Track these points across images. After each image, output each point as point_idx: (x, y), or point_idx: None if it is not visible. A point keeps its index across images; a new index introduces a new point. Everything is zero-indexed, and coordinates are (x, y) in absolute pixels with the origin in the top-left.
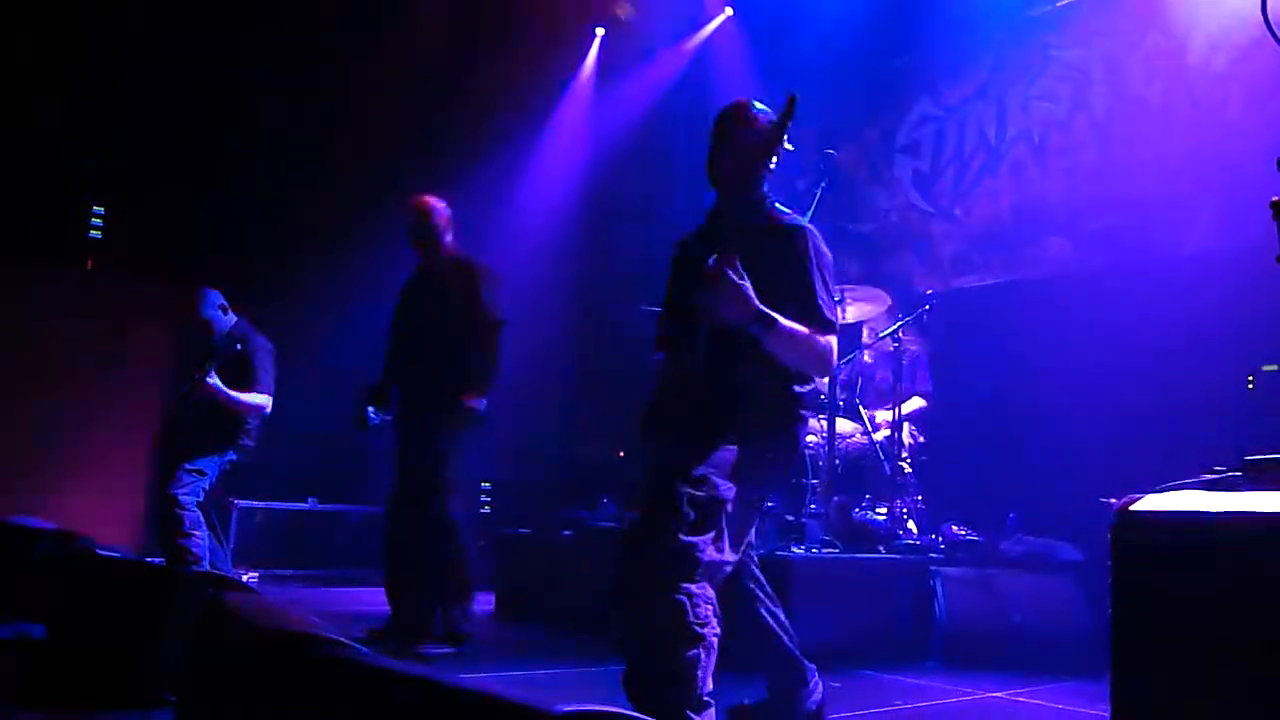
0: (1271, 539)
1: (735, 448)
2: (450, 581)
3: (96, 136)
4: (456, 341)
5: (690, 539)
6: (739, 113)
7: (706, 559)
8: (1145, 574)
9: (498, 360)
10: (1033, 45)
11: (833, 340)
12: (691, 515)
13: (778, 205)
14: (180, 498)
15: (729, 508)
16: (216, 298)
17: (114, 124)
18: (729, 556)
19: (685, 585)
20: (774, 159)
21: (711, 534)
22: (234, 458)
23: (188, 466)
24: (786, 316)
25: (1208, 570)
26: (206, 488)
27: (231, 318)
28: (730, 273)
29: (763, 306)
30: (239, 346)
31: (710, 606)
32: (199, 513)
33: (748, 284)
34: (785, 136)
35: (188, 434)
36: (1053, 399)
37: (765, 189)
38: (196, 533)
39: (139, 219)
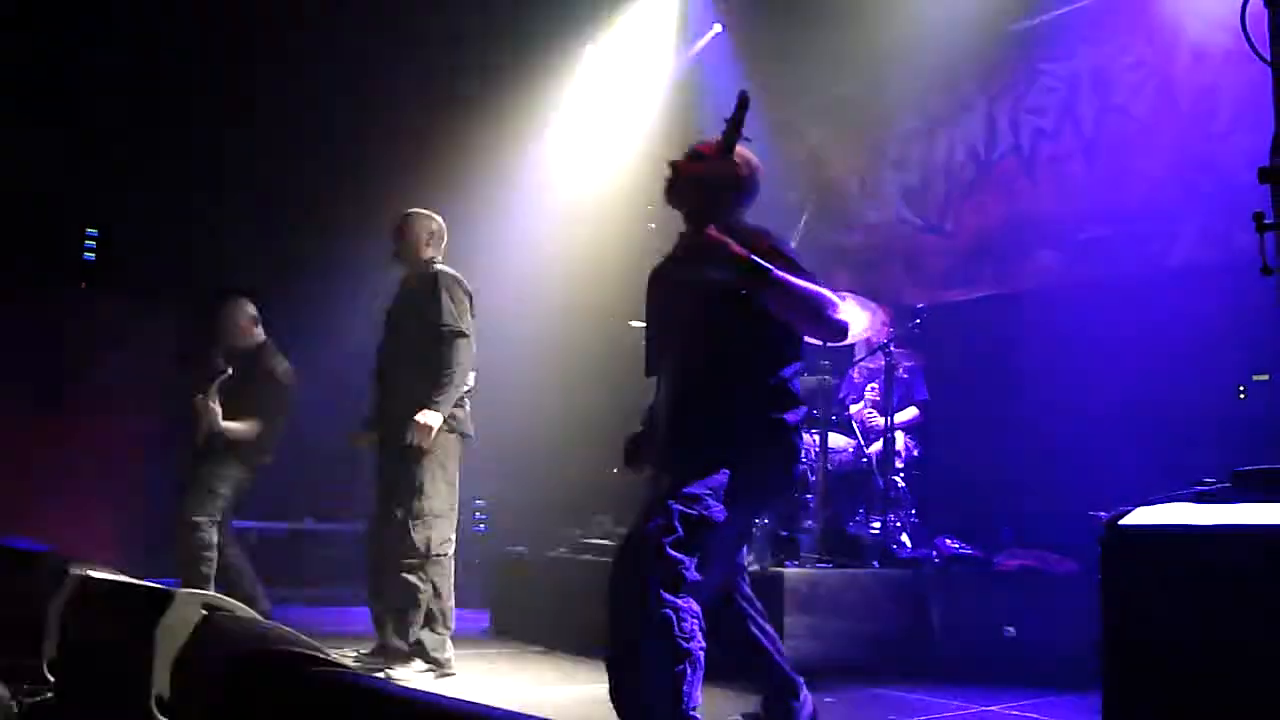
0: (1260, 552)
1: (728, 471)
2: (429, 610)
3: (89, 159)
4: (421, 358)
5: (678, 555)
6: (688, 153)
7: (691, 577)
8: (1135, 588)
9: (457, 376)
10: (1019, 58)
11: (837, 300)
12: (682, 533)
13: (744, 222)
14: (194, 519)
15: (718, 530)
16: (250, 309)
17: (106, 145)
18: (708, 579)
19: (672, 599)
20: (737, 185)
21: (697, 556)
22: (248, 475)
23: (202, 487)
24: None
25: (1197, 584)
26: (224, 506)
27: (260, 334)
28: (711, 233)
29: (753, 258)
30: (260, 369)
31: (696, 621)
32: (212, 534)
33: (731, 241)
34: (740, 131)
35: (200, 454)
36: (1045, 411)
37: (738, 217)
38: (208, 554)
39: (132, 241)
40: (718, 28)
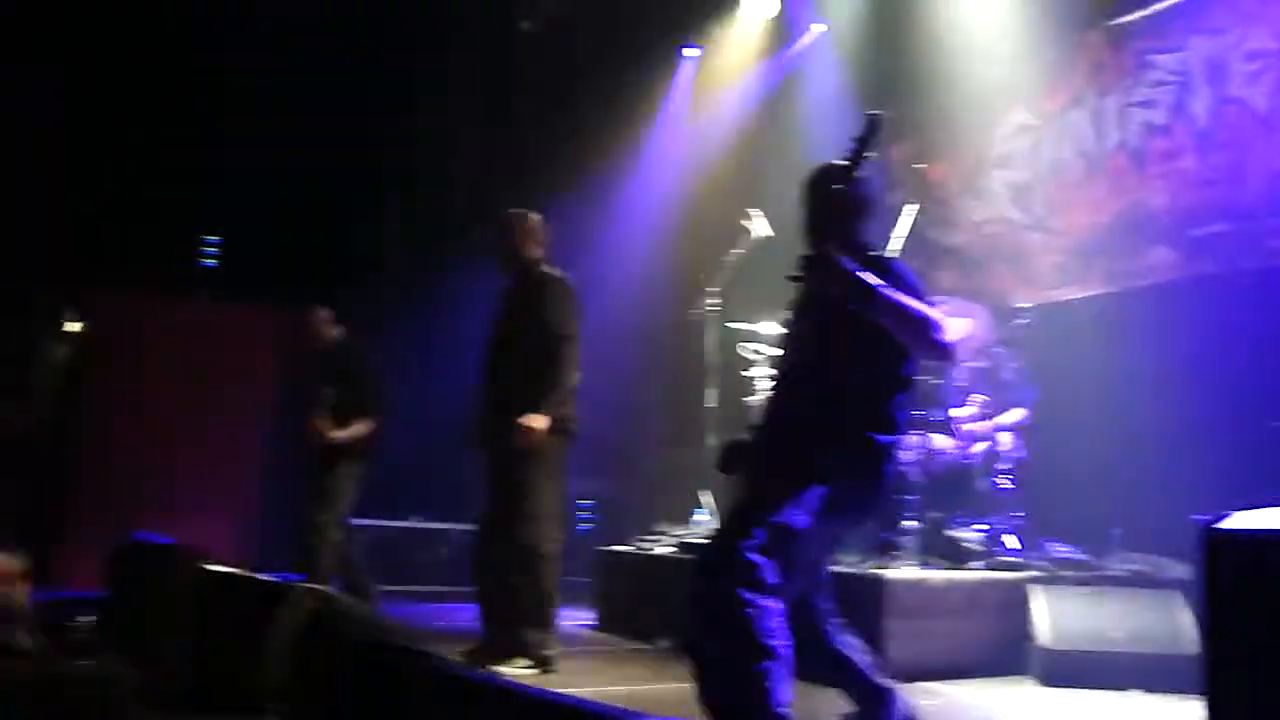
0: None
1: (817, 485)
2: (533, 608)
3: (211, 168)
4: (528, 359)
5: (757, 559)
6: (826, 177)
7: (771, 580)
8: (1237, 593)
9: (563, 377)
10: (1128, 51)
11: (939, 317)
12: (762, 539)
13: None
14: (320, 519)
15: (799, 540)
16: (325, 315)
17: (227, 155)
18: (790, 585)
19: (752, 598)
20: (862, 206)
21: (778, 561)
22: (362, 470)
23: (325, 489)
24: None
25: None
26: (346, 506)
27: (338, 334)
28: (826, 251)
29: (862, 275)
30: (347, 369)
31: (779, 620)
32: (335, 531)
33: (844, 259)
34: (867, 152)
35: (321, 458)
36: (1157, 412)
37: (860, 238)
38: (330, 551)
39: (252, 248)
40: (821, 27)
